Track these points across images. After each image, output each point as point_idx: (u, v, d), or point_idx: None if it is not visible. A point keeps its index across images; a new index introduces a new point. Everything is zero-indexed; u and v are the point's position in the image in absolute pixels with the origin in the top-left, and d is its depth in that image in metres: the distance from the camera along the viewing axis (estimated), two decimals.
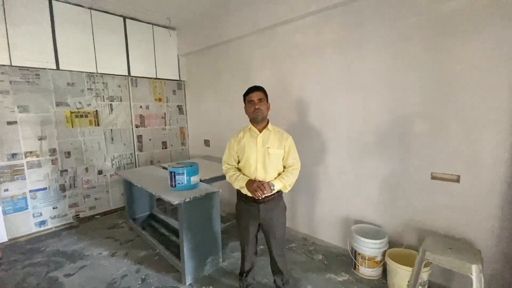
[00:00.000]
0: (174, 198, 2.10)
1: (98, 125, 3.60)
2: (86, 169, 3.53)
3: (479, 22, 1.81)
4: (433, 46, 2.00)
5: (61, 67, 3.18)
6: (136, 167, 3.99)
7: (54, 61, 3.13)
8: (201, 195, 2.20)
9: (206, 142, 4.28)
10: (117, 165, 3.82)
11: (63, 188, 3.35)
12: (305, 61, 2.79)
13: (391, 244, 2.28)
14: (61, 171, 3.32)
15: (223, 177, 2.96)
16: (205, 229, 2.31)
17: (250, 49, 3.31)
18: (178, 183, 2.33)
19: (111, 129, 3.72)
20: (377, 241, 2.20)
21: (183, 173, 2.32)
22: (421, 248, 1.87)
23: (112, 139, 3.75)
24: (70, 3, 3.18)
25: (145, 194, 3.38)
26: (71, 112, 3.36)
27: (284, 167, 1.87)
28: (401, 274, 2.02)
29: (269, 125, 1.86)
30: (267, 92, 1.86)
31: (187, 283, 2.22)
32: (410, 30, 2.10)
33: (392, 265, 2.06)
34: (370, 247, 2.21)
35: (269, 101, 1.87)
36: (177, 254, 2.39)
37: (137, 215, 3.33)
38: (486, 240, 1.92)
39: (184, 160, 4.36)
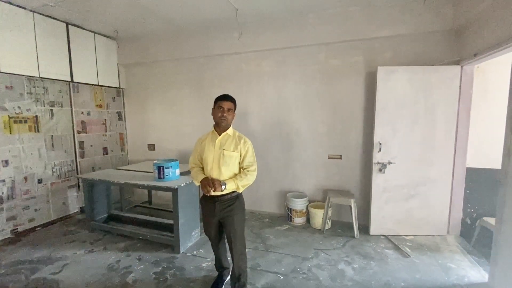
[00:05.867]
0: (172, 185, 2.71)
1: (38, 131, 3.43)
2: (25, 178, 3.30)
3: (346, 72, 3.43)
4: (326, 83, 3.53)
5: (1, 69, 2.96)
6: (77, 174, 3.92)
7: None
8: (190, 182, 2.89)
9: (151, 147, 4.64)
10: (58, 173, 3.68)
11: (0, 200, 3.04)
12: (248, 83, 3.88)
13: (310, 200, 3.67)
14: None
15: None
16: (190, 208, 2.99)
17: (201, 69, 4.11)
18: (167, 175, 2.91)
19: (52, 135, 3.59)
20: (303, 199, 3.53)
21: (170, 167, 2.92)
22: (327, 197, 3.31)
23: (53, 146, 3.61)
24: (12, 4, 3.03)
25: (103, 197, 3.52)
26: (10, 117, 3.12)
27: (242, 168, 2.00)
28: (317, 216, 3.40)
29: (229, 130, 2.03)
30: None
31: (181, 252, 2.83)
32: (314, 72, 3.57)
33: (312, 211, 3.42)
34: (299, 204, 3.51)
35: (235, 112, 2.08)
36: (167, 234, 2.94)
37: (97, 218, 3.43)
38: (356, 189, 3.56)
39: (123, 165, 4.53)
